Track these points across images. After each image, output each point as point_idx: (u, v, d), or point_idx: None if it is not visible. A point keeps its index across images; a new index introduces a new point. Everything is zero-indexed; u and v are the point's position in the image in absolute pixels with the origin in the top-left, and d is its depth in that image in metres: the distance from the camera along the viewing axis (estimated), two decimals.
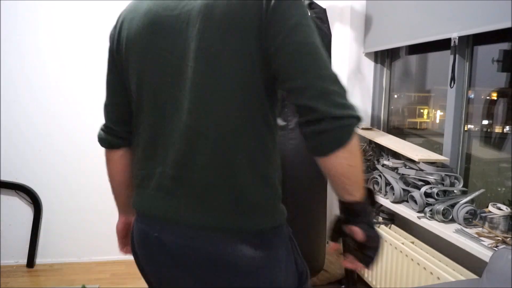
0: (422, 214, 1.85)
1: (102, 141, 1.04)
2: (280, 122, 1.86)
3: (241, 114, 0.80)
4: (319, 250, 2.02)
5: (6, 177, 2.61)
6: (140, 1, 0.93)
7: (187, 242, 0.82)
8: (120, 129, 1.01)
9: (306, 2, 1.86)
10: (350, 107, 0.76)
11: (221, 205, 0.82)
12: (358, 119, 0.76)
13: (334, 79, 0.77)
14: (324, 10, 1.90)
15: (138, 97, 0.91)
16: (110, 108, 1.02)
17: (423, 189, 1.86)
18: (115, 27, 0.97)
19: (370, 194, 0.85)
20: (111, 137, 1.02)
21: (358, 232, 0.82)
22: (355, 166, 0.77)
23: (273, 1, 0.76)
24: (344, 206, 0.83)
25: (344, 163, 0.76)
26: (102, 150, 2.57)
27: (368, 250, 0.84)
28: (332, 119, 0.74)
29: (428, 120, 2.40)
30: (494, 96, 1.88)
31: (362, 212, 0.82)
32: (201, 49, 0.79)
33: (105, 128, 1.03)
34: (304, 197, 1.91)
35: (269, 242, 0.84)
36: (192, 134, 0.82)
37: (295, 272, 0.91)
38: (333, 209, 2.89)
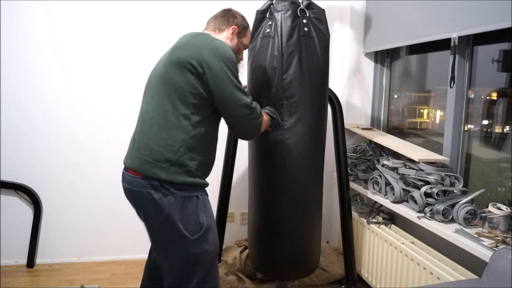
0: (422, 214, 1.85)
1: None
2: None
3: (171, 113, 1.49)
4: (314, 249, 2.02)
5: (6, 177, 2.62)
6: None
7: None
8: None
9: (305, 3, 1.86)
10: None
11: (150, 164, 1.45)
12: None
13: None
14: (323, 11, 1.90)
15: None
16: None
17: (423, 189, 1.86)
18: None
19: (272, 120, 1.77)
20: None
21: (273, 124, 1.79)
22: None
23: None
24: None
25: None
26: (101, 151, 2.66)
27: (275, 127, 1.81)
28: None
29: (428, 120, 2.40)
30: (494, 96, 1.88)
31: (274, 122, 1.78)
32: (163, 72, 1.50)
33: None
34: (299, 195, 1.91)
35: (169, 192, 1.43)
36: (148, 122, 1.50)
37: (196, 221, 1.45)
38: (330, 208, 2.89)
